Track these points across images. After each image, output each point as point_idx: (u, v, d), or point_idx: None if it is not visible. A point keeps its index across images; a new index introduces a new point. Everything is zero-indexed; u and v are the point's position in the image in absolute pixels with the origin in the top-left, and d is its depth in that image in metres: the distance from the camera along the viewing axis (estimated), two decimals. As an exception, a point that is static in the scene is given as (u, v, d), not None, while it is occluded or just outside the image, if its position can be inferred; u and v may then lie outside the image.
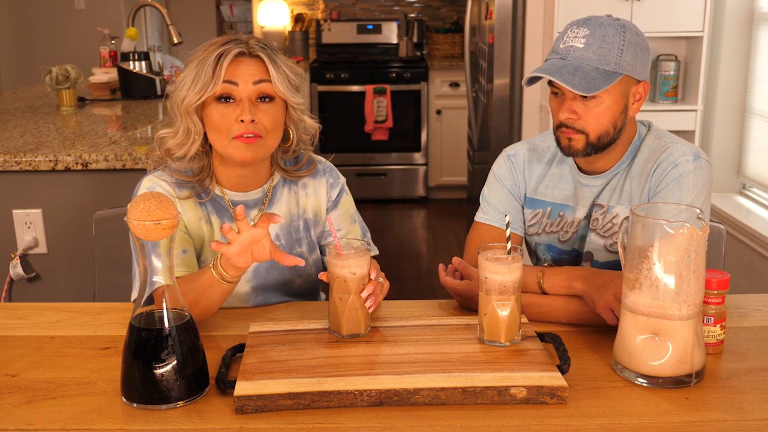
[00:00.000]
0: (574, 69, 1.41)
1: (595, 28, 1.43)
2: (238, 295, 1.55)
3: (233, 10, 6.42)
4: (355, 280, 1.29)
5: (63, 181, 2.25)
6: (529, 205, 1.63)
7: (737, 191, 3.30)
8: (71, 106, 3.15)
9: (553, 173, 1.61)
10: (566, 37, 1.45)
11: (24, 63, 5.61)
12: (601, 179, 1.55)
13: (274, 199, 1.58)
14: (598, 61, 1.41)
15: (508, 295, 1.26)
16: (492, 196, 1.65)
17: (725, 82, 3.21)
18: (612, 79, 1.41)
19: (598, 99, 1.43)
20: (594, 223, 1.55)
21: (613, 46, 1.42)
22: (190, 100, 1.43)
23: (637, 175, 1.52)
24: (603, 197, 1.55)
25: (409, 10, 6.02)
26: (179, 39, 3.66)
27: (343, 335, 1.30)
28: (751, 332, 1.38)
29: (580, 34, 1.43)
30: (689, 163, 1.46)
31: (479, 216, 1.66)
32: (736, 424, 1.09)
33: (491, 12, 3.48)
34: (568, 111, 1.45)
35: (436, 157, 5.47)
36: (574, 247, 1.60)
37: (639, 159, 1.53)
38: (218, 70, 1.41)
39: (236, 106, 1.43)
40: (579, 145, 1.47)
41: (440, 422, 1.09)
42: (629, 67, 1.43)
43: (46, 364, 1.28)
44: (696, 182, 1.46)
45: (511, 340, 1.27)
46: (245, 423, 1.09)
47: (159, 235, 1.10)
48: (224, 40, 1.46)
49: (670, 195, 1.45)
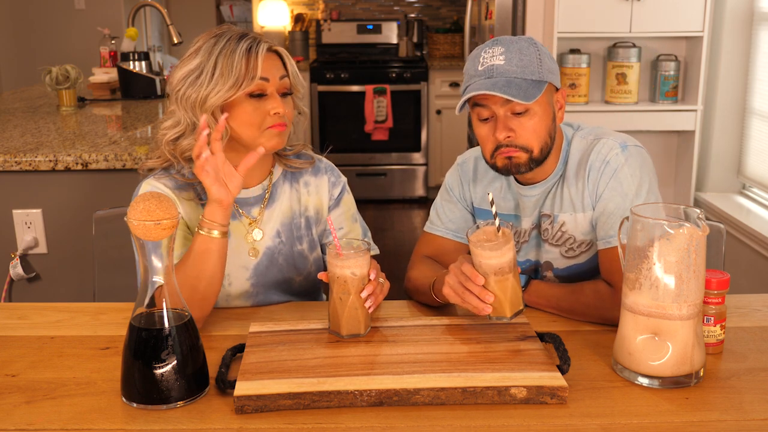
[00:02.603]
0: (506, 82, 1.39)
1: (508, 44, 1.41)
2: (239, 293, 1.56)
3: (233, 10, 6.42)
4: (355, 280, 1.29)
5: (63, 181, 2.25)
6: (480, 216, 1.62)
7: (737, 191, 3.30)
8: (71, 106, 3.14)
9: (497, 186, 1.60)
10: (482, 59, 1.42)
11: (24, 63, 5.61)
12: (539, 188, 1.53)
13: (275, 195, 1.58)
14: (522, 72, 1.40)
15: (506, 274, 1.29)
16: (440, 206, 1.66)
17: (725, 82, 3.21)
18: (541, 87, 1.41)
19: (531, 112, 1.42)
20: (545, 234, 1.55)
21: (531, 57, 1.41)
22: (221, 97, 1.41)
23: (572, 179, 1.50)
24: (546, 206, 1.54)
25: (409, 10, 6.02)
26: (179, 39, 3.66)
27: (343, 335, 1.30)
28: (751, 332, 1.38)
29: (496, 52, 1.41)
30: (618, 156, 1.45)
31: (427, 226, 1.67)
32: (736, 424, 1.09)
33: (491, 12, 3.48)
34: (506, 130, 1.42)
35: (436, 157, 5.47)
36: (528, 257, 1.59)
37: (571, 162, 1.51)
38: (252, 67, 1.41)
39: (266, 101, 1.44)
40: (522, 161, 1.44)
41: (440, 422, 1.09)
42: (550, 75, 1.43)
43: (46, 364, 1.28)
44: (633, 172, 1.45)
45: (516, 311, 1.31)
46: (245, 423, 1.09)
47: (159, 235, 1.10)
48: (238, 34, 1.44)
49: (613, 193, 1.45)
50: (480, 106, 1.43)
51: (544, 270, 1.58)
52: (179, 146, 1.47)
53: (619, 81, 3.17)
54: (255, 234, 1.55)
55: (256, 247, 1.55)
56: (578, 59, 3.17)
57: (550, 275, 1.57)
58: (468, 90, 1.42)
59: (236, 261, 1.54)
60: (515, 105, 1.40)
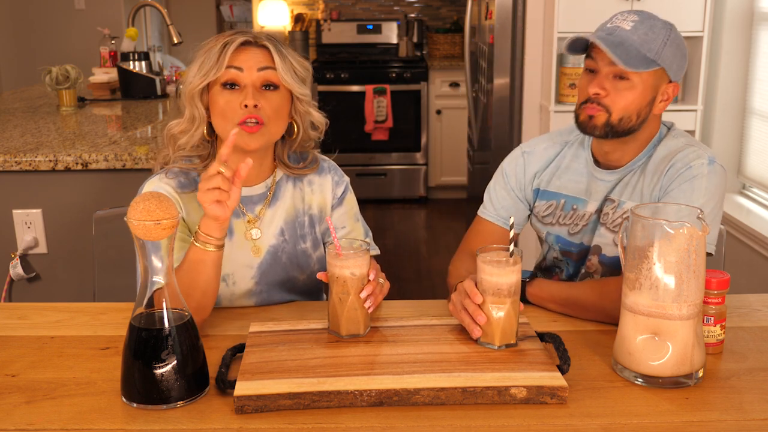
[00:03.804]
0: (618, 42, 1.42)
1: (645, 17, 1.46)
2: (242, 292, 1.56)
3: (233, 10, 6.42)
4: (355, 280, 1.29)
5: (63, 181, 2.25)
6: (542, 197, 1.64)
7: (737, 191, 3.30)
8: (71, 106, 3.14)
9: (569, 166, 1.61)
10: (614, 19, 1.47)
11: (24, 63, 5.61)
12: (616, 174, 1.55)
13: (278, 194, 1.58)
14: (641, 45, 1.43)
15: (503, 298, 1.25)
16: (494, 191, 1.67)
17: (725, 82, 3.21)
18: (650, 66, 1.43)
19: (630, 82, 1.44)
20: (604, 218, 1.55)
21: (658, 36, 1.44)
22: (194, 84, 1.45)
23: (650, 173, 1.52)
24: (615, 192, 1.55)
25: (409, 10, 6.02)
26: (179, 39, 3.66)
27: (343, 335, 1.30)
28: (751, 332, 1.38)
29: (629, 18, 1.45)
30: (703, 166, 1.46)
31: (480, 210, 1.68)
32: (736, 424, 1.09)
33: (491, 12, 3.48)
34: (599, 86, 1.45)
35: (436, 157, 5.47)
36: (582, 240, 1.60)
37: (655, 157, 1.53)
38: (222, 56, 1.43)
39: (240, 92, 1.44)
40: (599, 122, 1.47)
41: (440, 422, 1.09)
42: (668, 62, 1.45)
43: (46, 364, 1.28)
44: (708, 186, 1.45)
45: (506, 343, 1.26)
46: (245, 423, 1.09)
47: (159, 235, 1.10)
48: (232, 32, 1.48)
49: (681, 195, 1.45)
50: (590, 57, 1.48)
51: (591, 253, 1.58)
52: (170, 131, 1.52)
53: (619, 81, 3.17)
54: (253, 233, 1.55)
55: (258, 245, 1.55)
56: (578, 59, 3.16)
57: (595, 260, 1.57)
58: (586, 34, 1.46)
59: (240, 260, 1.54)
60: (619, 69, 1.43)
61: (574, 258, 1.62)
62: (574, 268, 1.63)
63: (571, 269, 1.64)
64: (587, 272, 1.60)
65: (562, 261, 1.65)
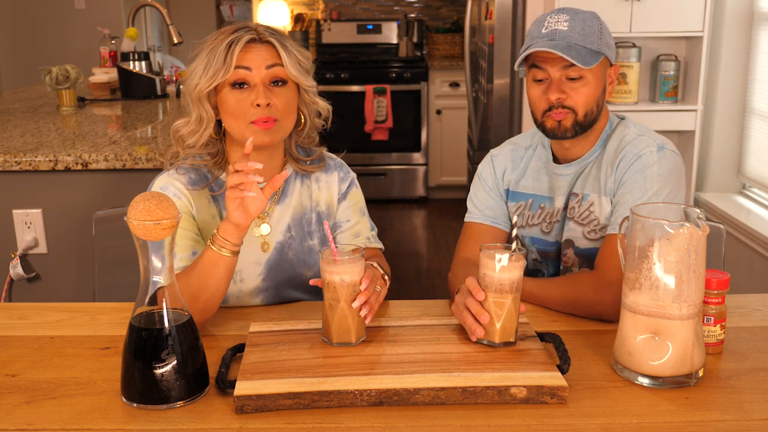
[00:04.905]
0: (566, 46, 1.46)
1: (573, 13, 1.50)
2: (249, 290, 1.56)
3: (233, 10, 6.42)
4: (345, 287, 1.27)
5: (63, 181, 2.25)
6: (512, 198, 1.68)
7: (737, 191, 3.30)
8: (71, 106, 3.14)
9: (534, 166, 1.65)
10: (547, 23, 1.50)
11: (24, 63, 5.61)
12: (573, 167, 1.58)
13: (287, 191, 1.59)
14: (583, 40, 1.47)
15: (505, 294, 1.26)
16: (475, 195, 1.71)
17: (725, 82, 3.21)
18: (597, 57, 1.48)
19: (585, 79, 1.49)
20: (571, 212, 1.58)
21: (593, 29, 1.49)
22: (201, 87, 1.45)
23: (606, 164, 1.55)
24: (577, 186, 1.58)
25: (409, 10, 6.02)
26: (179, 39, 3.66)
27: (334, 343, 1.28)
28: (751, 332, 1.38)
29: (561, 19, 1.49)
30: (652, 154, 1.49)
31: (466, 216, 1.73)
32: (736, 424, 1.09)
33: (491, 12, 3.48)
34: (558, 91, 1.49)
35: (436, 157, 5.47)
36: (557, 238, 1.62)
37: (609, 147, 1.56)
38: (230, 56, 1.42)
39: (251, 91, 1.44)
40: (568, 124, 1.51)
41: (440, 422, 1.09)
42: (607, 49, 1.51)
43: (46, 364, 1.28)
44: (660, 172, 1.48)
45: (505, 341, 1.26)
46: (245, 423, 1.09)
47: (159, 235, 1.10)
48: (233, 28, 1.47)
49: (634, 186, 1.48)
50: (537, 67, 1.51)
51: (565, 248, 1.60)
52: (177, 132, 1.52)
53: (619, 81, 3.17)
54: (263, 228, 1.55)
55: (267, 241, 1.55)
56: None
57: (570, 253, 1.59)
58: (530, 48, 1.49)
59: (247, 257, 1.54)
60: (570, 70, 1.48)
61: (552, 257, 1.65)
62: (554, 268, 1.65)
63: (552, 269, 1.66)
64: (566, 267, 1.62)
65: (542, 263, 1.67)
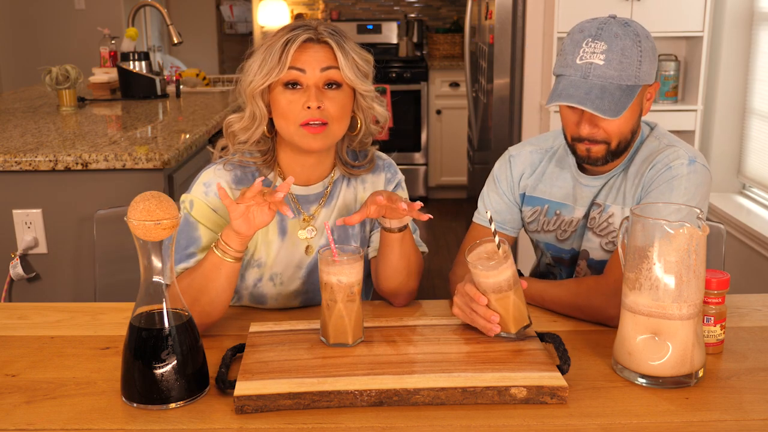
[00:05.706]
0: (600, 92, 1.38)
1: (612, 41, 1.38)
2: (288, 292, 1.53)
3: (233, 10, 6.42)
4: (342, 287, 1.26)
5: (63, 181, 2.25)
6: (528, 203, 1.64)
7: (737, 191, 3.30)
8: (71, 106, 3.14)
9: (553, 171, 1.60)
10: (583, 53, 1.40)
11: (24, 63, 5.61)
12: (601, 179, 1.54)
13: (334, 193, 1.55)
14: (620, 77, 1.38)
15: (505, 292, 1.27)
16: (487, 196, 1.67)
17: (725, 82, 3.21)
18: (634, 93, 1.39)
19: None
20: (591, 222, 1.55)
21: (632, 60, 1.39)
22: (255, 84, 1.42)
23: (632, 175, 1.51)
24: (600, 196, 1.54)
25: (409, 10, 6.02)
26: (179, 39, 3.66)
27: (330, 343, 1.28)
28: (751, 332, 1.38)
29: (598, 49, 1.39)
30: (683, 166, 1.45)
31: (475, 216, 1.69)
32: (736, 424, 1.09)
33: (491, 12, 3.48)
34: (590, 125, 1.42)
35: (436, 157, 5.47)
36: (573, 246, 1.60)
37: (637, 159, 1.52)
38: (285, 56, 1.40)
39: (303, 93, 1.41)
40: (600, 154, 1.45)
41: (440, 422, 1.09)
42: (646, 77, 1.42)
43: (46, 364, 1.28)
44: (688, 186, 1.44)
45: (522, 326, 1.29)
46: (245, 423, 1.09)
47: (159, 235, 1.10)
48: (293, 26, 1.44)
49: (660, 196, 1.44)
50: None
51: (580, 258, 1.59)
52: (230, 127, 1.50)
53: (619, 81, 3.17)
54: (308, 231, 1.52)
55: (311, 244, 1.53)
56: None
57: (583, 265, 1.58)
58: (561, 86, 1.40)
59: (290, 259, 1.52)
60: None
61: (566, 264, 1.63)
62: (567, 274, 1.63)
63: (564, 274, 1.64)
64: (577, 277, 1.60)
65: (555, 267, 1.66)
